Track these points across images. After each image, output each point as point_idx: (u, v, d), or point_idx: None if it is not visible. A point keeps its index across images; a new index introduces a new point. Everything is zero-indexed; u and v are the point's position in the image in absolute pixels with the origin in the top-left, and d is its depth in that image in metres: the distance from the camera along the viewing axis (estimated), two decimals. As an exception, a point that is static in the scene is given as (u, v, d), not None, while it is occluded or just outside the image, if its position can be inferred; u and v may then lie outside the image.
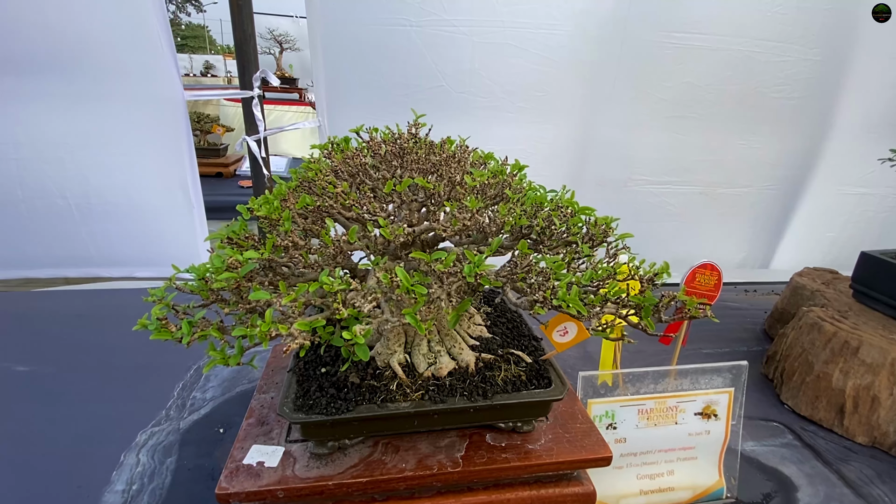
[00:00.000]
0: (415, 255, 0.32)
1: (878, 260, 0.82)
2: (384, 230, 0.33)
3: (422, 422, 0.44)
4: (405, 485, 0.44)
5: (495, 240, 0.33)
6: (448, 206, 0.35)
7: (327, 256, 0.32)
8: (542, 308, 0.35)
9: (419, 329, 0.30)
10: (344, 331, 0.34)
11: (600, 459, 0.47)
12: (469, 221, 0.33)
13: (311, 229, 0.35)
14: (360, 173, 0.38)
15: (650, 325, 0.38)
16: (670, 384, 0.58)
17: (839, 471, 0.67)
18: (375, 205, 0.35)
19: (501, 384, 0.45)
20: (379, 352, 0.46)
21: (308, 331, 0.29)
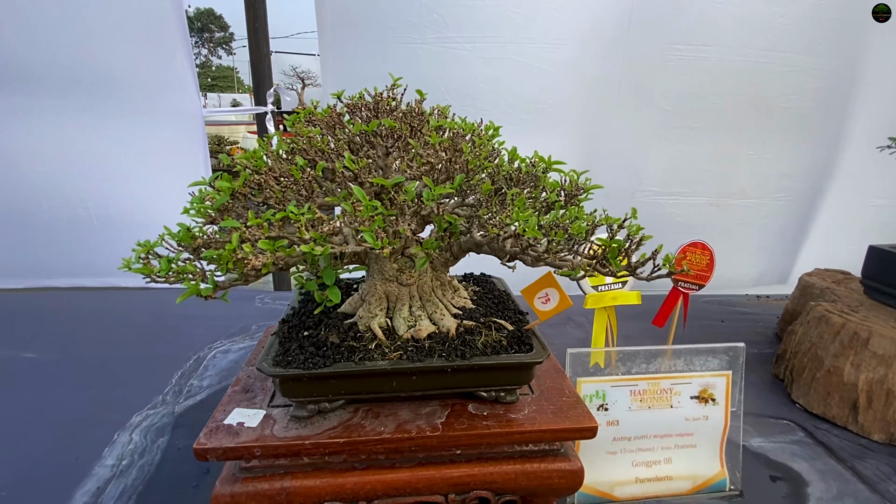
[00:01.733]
0: (375, 182, 0.33)
1: (887, 253, 0.79)
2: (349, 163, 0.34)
3: (400, 383, 0.44)
4: (383, 448, 0.44)
5: (458, 176, 0.33)
6: (412, 143, 0.36)
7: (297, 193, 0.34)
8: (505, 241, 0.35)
9: (374, 245, 0.31)
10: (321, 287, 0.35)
11: (584, 430, 0.46)
12: (433, 158, 0.34)
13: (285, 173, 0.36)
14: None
15: (615, 265, 0.38)
16: (663, 365, 0.56)
17: (854, 467, 0.63)
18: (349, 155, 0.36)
19: (481, 347, 0.45)
20: (361, 315, 0.47)
21: (271, 250, 0.30)
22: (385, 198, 0.35)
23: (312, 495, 0.45)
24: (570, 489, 0.49)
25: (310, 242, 0.30)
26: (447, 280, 0.51)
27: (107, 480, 0.55)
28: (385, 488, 0.46)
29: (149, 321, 0.96)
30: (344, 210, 0.31)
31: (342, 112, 0.40)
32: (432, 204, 0.32)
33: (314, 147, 0.35)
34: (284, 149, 0.37)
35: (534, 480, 0.47)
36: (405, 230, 0.32)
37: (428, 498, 0.47)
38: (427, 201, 0.32)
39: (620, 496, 0.56)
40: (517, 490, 0.48)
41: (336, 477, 0.45)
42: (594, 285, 0.59)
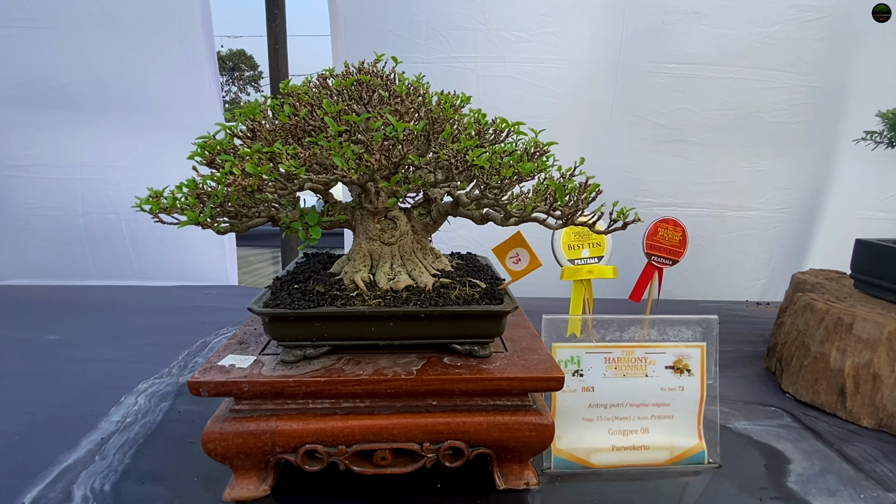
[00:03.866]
0: (345, 118, 0.38)
1: (875, 245, 0.81)
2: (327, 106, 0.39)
3: (378, 328, 0.48)
4: (361, 389, 0.47)
5: (422, 122, 0.38)
6: (381, 93, 0.41)
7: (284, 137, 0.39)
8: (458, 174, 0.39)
9: (342, 166, 0.36)
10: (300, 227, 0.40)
11: (551, 380, 0.49)
12: (400, 107, 0.39)
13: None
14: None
15: (561, 200, 0.41)
16: (637, 334, 0.59)
17: (840, 450, 0.63)
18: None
19: (454, 299, 0.49)
20: (346, 271, 0.51)
21: (256, 172, 0.35)
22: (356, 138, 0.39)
23: (295, 436, 0.48)
24: (540, 443, 0.51)
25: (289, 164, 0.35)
26: (428, 245, 0.56)
27: (111, 433, 0.59)
28: (363, 433, 0.49)
29: (164, 312, 1.02)
30: (321, 146, 0.36)
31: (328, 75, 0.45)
32: (394, 134, 0.37)
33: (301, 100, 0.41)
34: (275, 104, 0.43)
35: (505, 432, 0.50)
36: (369, 158, 0.37)
37: (404, 444, 0.49)
38: (390, 134, 0.37)
39: (597, 463, 0.57)
40: (489, 442, 0.50)
41: (318, 421, 0.48)
42: (570, 258, 0.62)
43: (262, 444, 0.48)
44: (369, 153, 0.36)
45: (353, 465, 0.50)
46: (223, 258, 1.56)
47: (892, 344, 0.66)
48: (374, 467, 0.50)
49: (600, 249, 0.62)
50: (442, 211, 0.52)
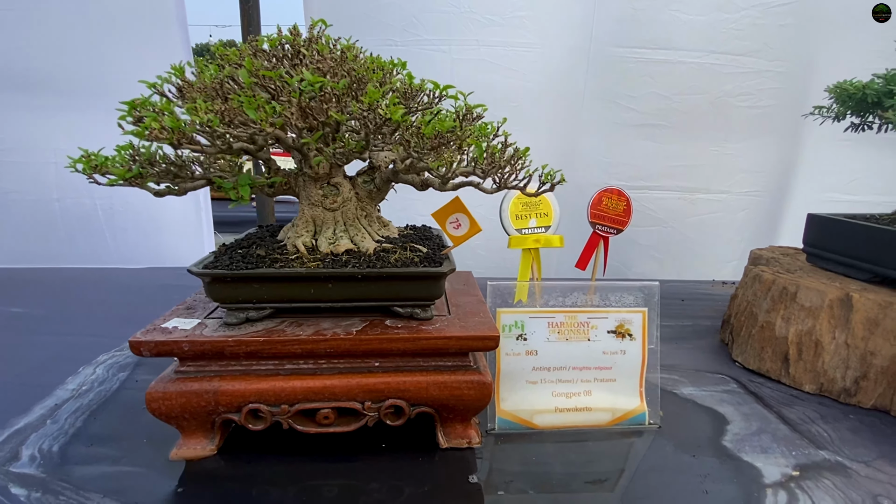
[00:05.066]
0: (262, 73, 0.39)
1: (824, 219, 0.83)
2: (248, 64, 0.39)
3: (318, 290, 0.49)
4: (300, 348, 0.48)
5: (343, 80, 0.39)
6: (304, 52, 0.42)
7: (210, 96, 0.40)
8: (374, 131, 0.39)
9: (255, 117, 0.37)
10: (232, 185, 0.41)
11: (486, 338, 0.50)
12: (322, 64, 0.40)
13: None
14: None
15: (480, 158, 0.43)
16: (580, 299, 0.60)
17: (780, 412, 0.65)
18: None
19: (393, 262, 0.50)
20: (288, 236, 0.53)
21: (174, 126, 0.36)
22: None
23: (238, 396, 0.49)
24: (479, 402, 0.52)
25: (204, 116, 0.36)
26: (375, 214, 0.57)
27: (65, 400, 0.60)
28: (305, 392, 0.50)
29: (134, 291, 1.03)
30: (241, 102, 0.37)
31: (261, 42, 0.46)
32: (310, 91, 0.38)
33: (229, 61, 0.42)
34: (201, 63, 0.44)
35: (444, 390, 0.51)
36: (284, 109, 0.38)
37: (345, 403, 0.51)
38: (305, 88, 0.38)
39: (541, 424, 0.59)
40: (430, 400, 0.52)
41: (261, 381, 0.50)
42: (518, 228, 0.64)
43: (205, 403, 0.49)
44: (286, 108, 0.38)
45: (296, 424, 0.51)
46: (201, 243, 1.56)
47: (834, 311, 0.68)
48: (317, 426, 0.52)
49: (547, 219, 0.63)
50: (384, 177, 0.53)
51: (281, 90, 0.40)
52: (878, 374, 0.65)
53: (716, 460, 0.55)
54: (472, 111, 0.45)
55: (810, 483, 0.51)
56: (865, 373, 0.66)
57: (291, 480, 0.50)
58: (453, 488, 0.49)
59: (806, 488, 0.50)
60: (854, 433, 0.61)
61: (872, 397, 0.66)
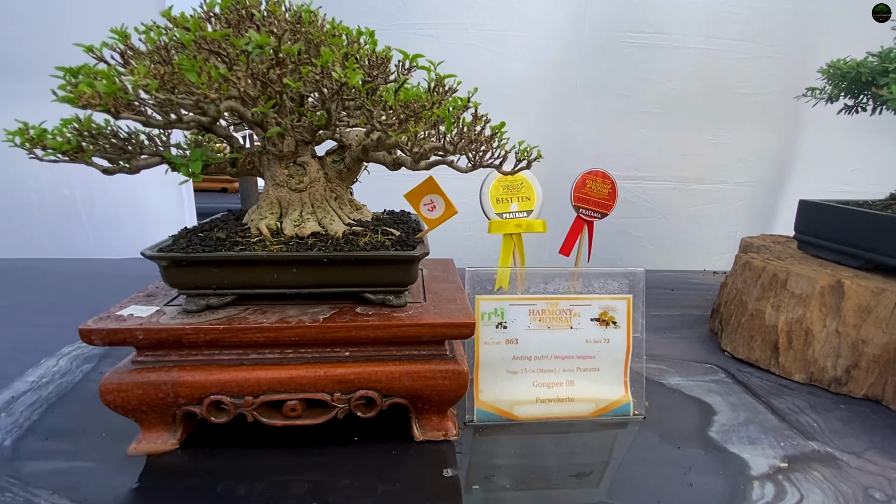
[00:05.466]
0: (207, 35, 0.36)
1: (816, 205, 0.81)
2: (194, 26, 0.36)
3: (281, 275, 0.46)
4: (263, 337, 0.46)
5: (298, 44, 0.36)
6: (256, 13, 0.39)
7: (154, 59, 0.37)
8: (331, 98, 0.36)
9: (195, 81, 0.34)
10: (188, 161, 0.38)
11: (461, 325, 0.48)
12: (275, 27, 0.37)
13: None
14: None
15: (448, 128, 0.40)
16: (562, 286, 0.58)
17: (768, 402, 0.63)
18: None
19: (363, 245, 0.47)
20: (252, 218, 0.50)
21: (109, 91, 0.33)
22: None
23: (198, 387, 0.47)
24: (455, 392, 0.50)
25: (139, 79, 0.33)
26: (346, 196, 0.54)
27: (22, 392, 0.58)
28: (270, 383, 0.47)
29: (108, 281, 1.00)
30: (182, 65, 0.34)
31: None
32: (259, 55, 0.35)
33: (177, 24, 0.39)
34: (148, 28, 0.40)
35: (418, 380, 0.49)
36: (231, 74, 0.35)
37: (313, 394, 0.48)
38: (253, 50, 0.35)
39: (521, 416, 0.57)
40: (403, 391, 0.49)
41: (223, 371, 0.47)
42: (498, 212, 0.61)
43: (163, 395, 0.46)
44: (234, 73, 0.35)
45: (261, 417, 0.49)
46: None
47: (825, 299, 0.66)
48: (284, 419, 0.49)
49: (529, 203, 0.61)
50: (354, 156, 0.50)
51: (236, 59, 0.37)
52: (870, 362, 0.63)
53: (702, 452, 0.53)
54: (442, 82, 0.42)
55: (799, 475, 0.49)
56: (857, 361, 0.64)
57: (258, 476, 0.48)
58: (427, 483, 0.47)
59: (794, 480, 0.48)
60: (845, 423, 0.59)
61: (864, 386, 0.64)
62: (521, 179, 0.60)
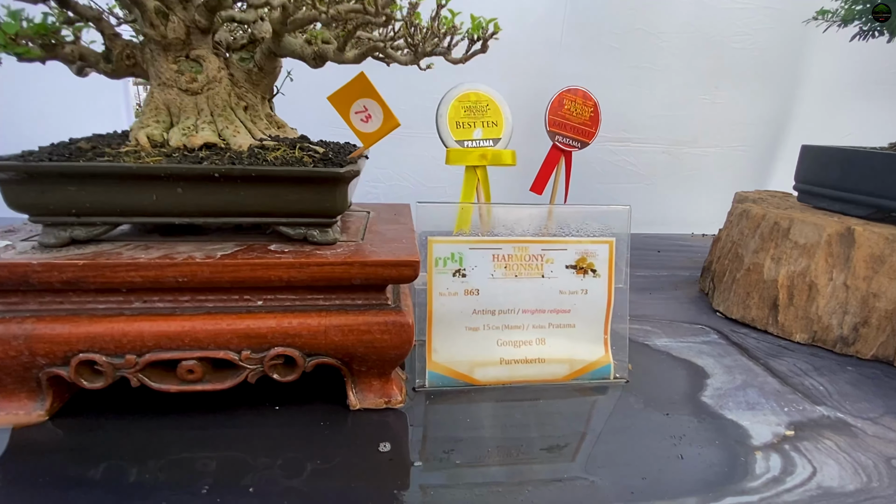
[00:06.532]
0: None
1: (821, 150, 0.72)
2: None
3: (164, 197, 0.36)
4: (139, 275, 0.35)
5: None
6: None
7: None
8: None
9: None
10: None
11: (401, 264, 0.38)
12: None
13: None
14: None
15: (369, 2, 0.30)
16: (532, 227, 0.48)
17: (767, 364, 0.55)
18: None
19: (272, 160, 0.37)
20: (131, 128, 0.39)
21: None
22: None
23: (61, 342, 0.36)
24: (397, 349, 0.40)
25: None
26: (262, 108, 0.43)
27: None
28: (157, 338, 0.37)
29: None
30: None
31: None
32: None
33: None
34: None
35: (349, 335, 0.39)
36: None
37: (214, 353, 0.38)
38: None
39: (482, 379, 0.47)
40: (331, 349, 0.40)
41: (93, 323, 0.37)
42: (459, 140, 0.51)
43: (15, 353, 0.36)
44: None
45: (150, 381, 0.39)
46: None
47: (832, 248, 0.58)
48: (179, 383, 0.39)
49: (497, 130, 0.51)
50: (265, 51, 0.39)
51: None
52: (882, 319, 0.56)
53: (693, 419, 0.44)
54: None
55: (808, 444, 0.41)
56: (866, 318, 0.56)
57: (153, 453, 0.38)
58: (359, 461, 0.37)
59: (804, 450, 0.40)
60: (854, 386, 0.51)
61: (873, 346, 0.57)
62: (485, 100, 0.50)
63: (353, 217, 0.51)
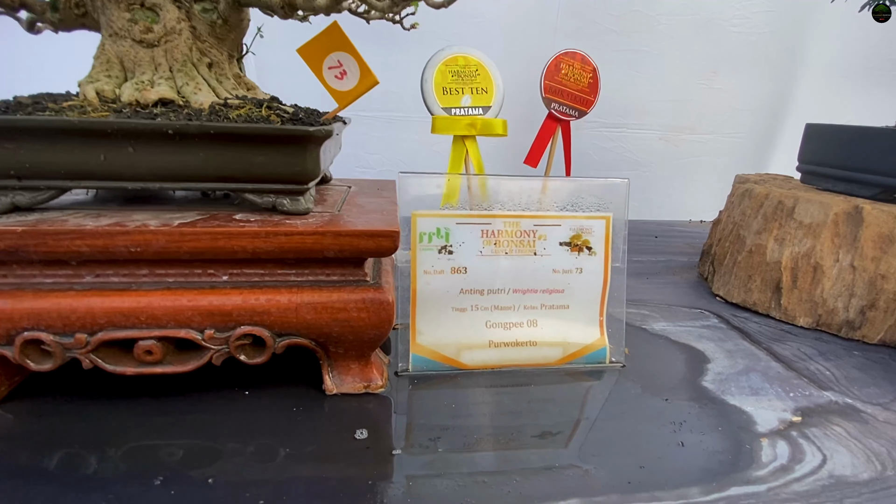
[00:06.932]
0: None
1: (827, 128, 0.69)
2: None
3: (114, 157, 0.32)
4: (85, 244, 0.32)
5: None
6: None
7: None
8: None
9: None
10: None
11: (379, 235, 0.34)
12: None
13: None
14: None
15: None
16: (524, 200, 0.45)
17: (770, 348, 0.52)
18: None
19: (234, 118, 0.33)
20: (79, 83, 0.35)
21: None
22: None
23: (3, 319, 0.33)
24: (375, 328, 0.37)
25: None
26: (228, 67, 0.39)
27: None
28: (109, 315, 0.34)
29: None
30: None
31: None
32: None
33: None
34: None
35: (322, 313, 0.36)
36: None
37: (174, 332, 0.35)
38: None
39: (470, 363, 0.44)
40: (302, 328, 0.36)
41: (39, 298, 0.33)
42: (445, 107, 0.47)
43: (-51, 331, 0.33)
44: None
45: (104, 363, 0.35)
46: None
47: (839, 228, 0.55)
48: (136, 365, 0.36)
49: (487, 97, 0.47)
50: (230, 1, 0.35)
51: None
52: (890, 301, 0.53)
53: (694, 405, 0.41)
54: None
55: (817, 431, 0.39)
56: (874, 301, 0.54)
57: (113, 441, 0.35)
58: (335, 449, 0.34)
59: (812, 437, 0.38)
60: (862, 371, 0.49)
61: (881, 330, 0.54)
62: (475, 65, 0.47)
63: (331, 190, 0.48)
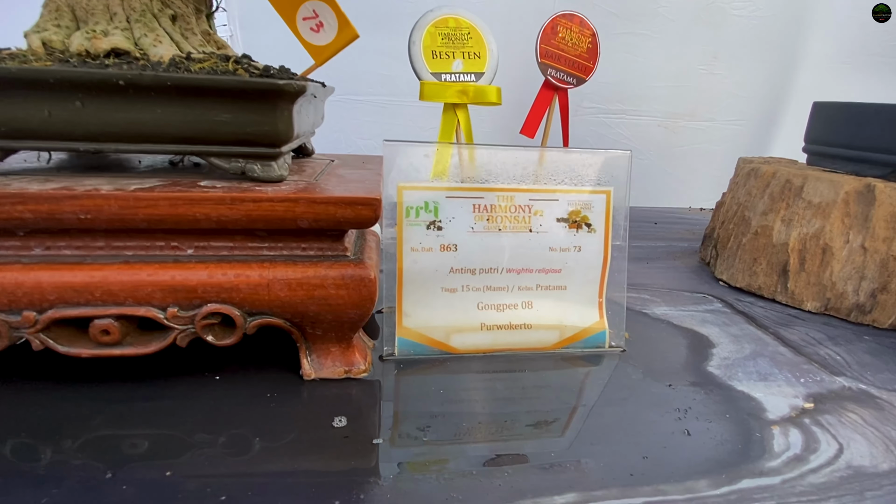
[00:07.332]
0: None
1: (835, 106, 0.66)
2: None
3: (59, 112, 0.29)
4: (28, 210, 0.28)
5: None
6: None
7: None
8: None
9: None
10: None
11: (358, 203, 0.31)
12: None
13: None
14: None
15: None
16: (519, 173, 0.42)
17: (777, 333, 0.50)
18: None
19: (195, 70, 0.30)
20: (25, 33, 0.31)
21: None
22: None
23: (-63, 296, 0.29)
24: (357, 307, 0.34)
25: None
26: (196, 23, 0.36)
27: None
28: (59, 290, 0.30)
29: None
30: None
31: None
32: None
33: None
34: None
35: (297, 290, 0.33)
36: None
37: (133, 310, 0.32)
38: None
39: (460, 347, 0.42)
40: (276, 306, 0.33)
41: (-19, 271, 0.30)
42: (435, 72, 0.44)
43: None
44: None
45: (57, 344, 0.32)
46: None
47: (850, 208, 0.53)
48: (93, 346, 0.33)
49: (480, 63, 0.44)
50: (193, -57, 0.32)
51: None
52: (903, 284, 0.50)
53: (700, 391, 0.39)
54: None
55: (831, 418, 0.36)
56: (886, 284, 0.51)
57: (67, 431, 0.31)
58: (311, 439, 0.31)
59: (826, 425, 0.35)
60: (875, 356, 0.46)
61: (892, 314, 0.51)
62: (467, 27, 0.43)
63: (312, 163, 0.45)
